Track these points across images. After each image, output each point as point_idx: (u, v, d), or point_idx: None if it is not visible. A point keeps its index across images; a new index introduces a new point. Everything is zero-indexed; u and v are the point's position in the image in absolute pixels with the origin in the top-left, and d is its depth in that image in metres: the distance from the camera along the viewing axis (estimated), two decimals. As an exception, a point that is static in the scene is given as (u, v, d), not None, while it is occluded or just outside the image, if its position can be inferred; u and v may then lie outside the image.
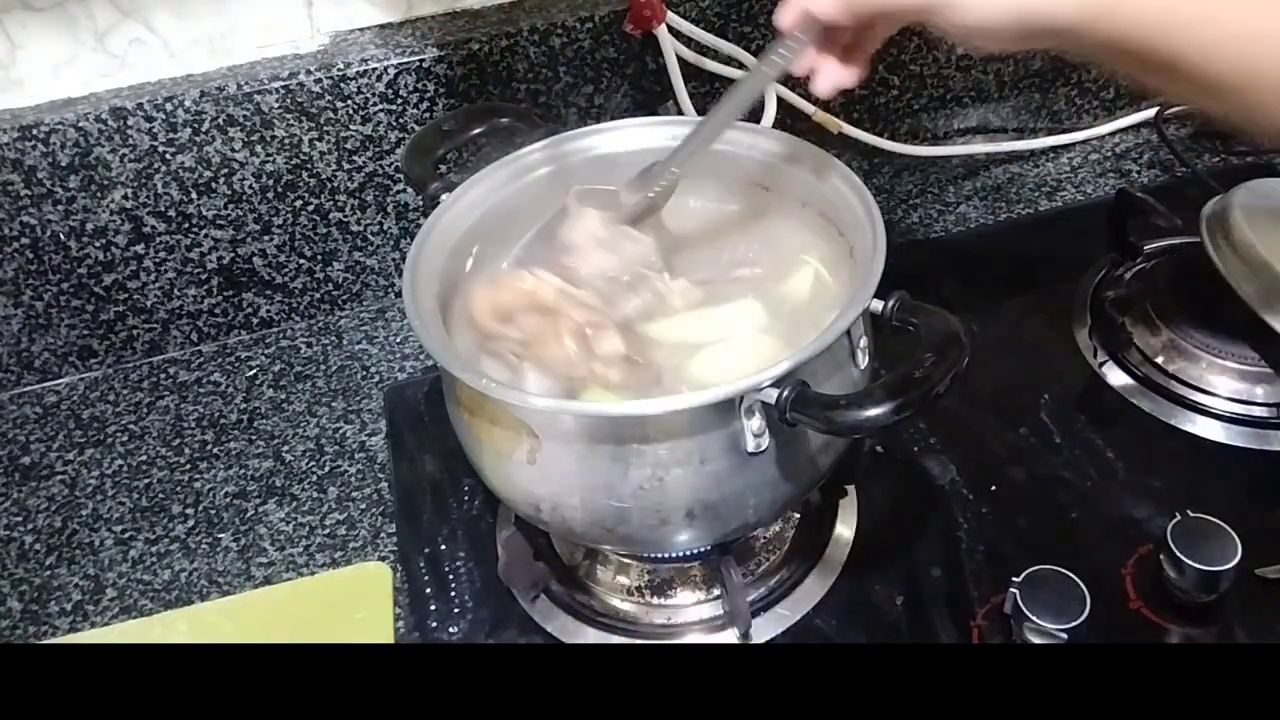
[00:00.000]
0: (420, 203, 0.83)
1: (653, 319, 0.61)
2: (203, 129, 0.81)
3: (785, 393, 0.49)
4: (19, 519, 0.77)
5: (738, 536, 0.65)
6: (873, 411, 0.47)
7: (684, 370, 0.59)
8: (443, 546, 0.71)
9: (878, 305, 0.54)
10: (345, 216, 0.88)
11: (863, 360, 0.57)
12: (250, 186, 0.84)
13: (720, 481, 0.53)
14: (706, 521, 0.55)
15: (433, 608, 0.67)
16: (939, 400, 0.48)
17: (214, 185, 0.83)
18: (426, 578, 0.69)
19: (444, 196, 0.63)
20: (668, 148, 0.63)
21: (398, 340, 0.89)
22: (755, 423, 0.51)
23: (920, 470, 0.72)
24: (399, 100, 0.84)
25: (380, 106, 0.83)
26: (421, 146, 0.67)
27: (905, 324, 0.53)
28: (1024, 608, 0.58)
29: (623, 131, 0.69)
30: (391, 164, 0.86)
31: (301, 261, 0.89)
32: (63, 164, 0.79)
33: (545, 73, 0.86)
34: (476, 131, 0.69)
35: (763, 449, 0.52)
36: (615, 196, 0.63)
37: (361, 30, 0.85)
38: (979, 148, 1.01)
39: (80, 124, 0.78)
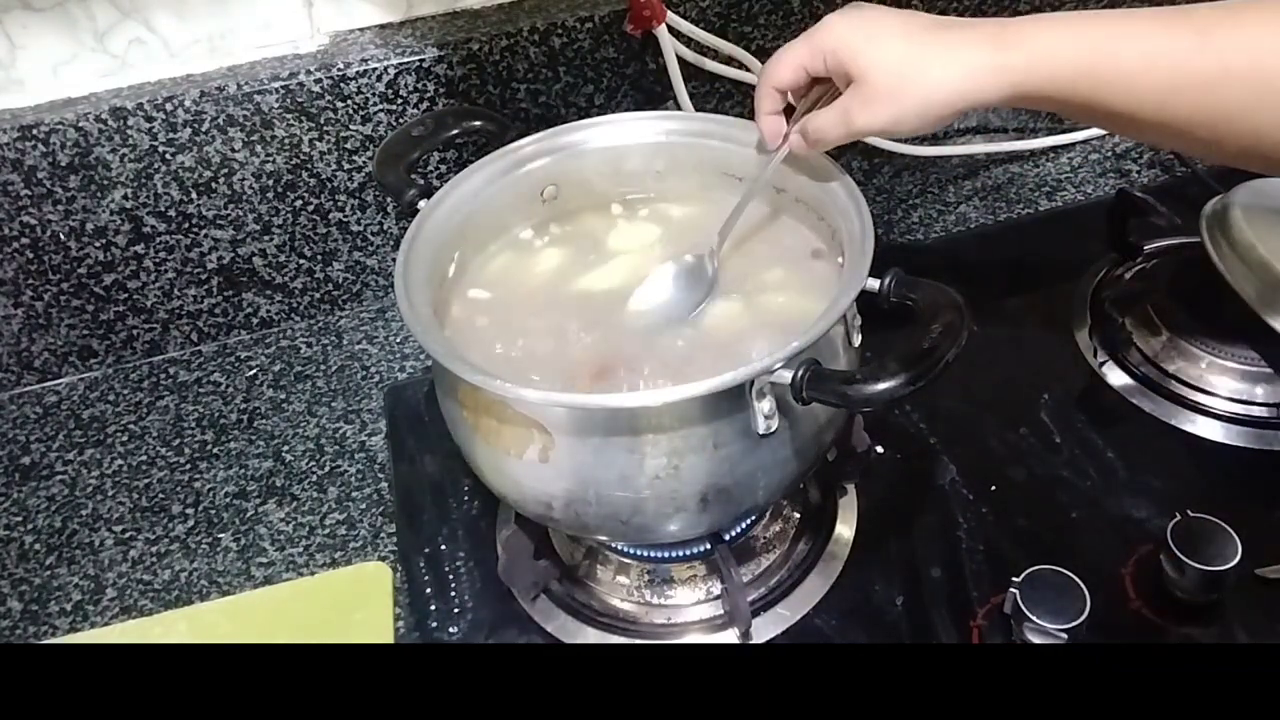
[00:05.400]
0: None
1: None
2: (203, 129, 0.81)
3: (799, 372, 0.50)
4: (19, 519, 0.77)
5: (745, 518, 0.66)
6: (887, 384, 0.48)
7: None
8: (443, 546, 0.71)
9: (874, 284, 0.54)
10: (345, 216, 0.88)
11: (856, 339, 0.59)
12: (250, 186, 0.84)
13: (733, 465, 0.54)
14: (719, 506, 0.56)
15: (433, 608, 0.67)
16: (949, 369, 0.48)
17: (214, 185, 0.83)
18: (426, 578, 0.69)
19: (422, 203, 0.63)
20: (623, 145, 0.68)
21: (398, 340, 0.89)
22: (766, 405, 0.52)
23: (920, 470, 0.72)
24: (399, 100, 0.84)
25: (380, 106, 0.83)
26: (392, 154, 0.67)
27: (904, 299, 0.54)
28: (1024, 608, 0.58)
29: (600, 128, 0.69)
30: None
31: (301, 261, 0.89)
32: (63, 164, 0.79)
33: (545, 73, 0.86)
34: (448, 136, 0.69)
35: (773, 430, 0.53)
36: None
37: (361, 30, 0.85)
38: (979, 148, 1.01)
39: (80, 124, 0.78)
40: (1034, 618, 0.58)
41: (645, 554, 0.66)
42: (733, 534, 0.66)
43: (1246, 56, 0.53)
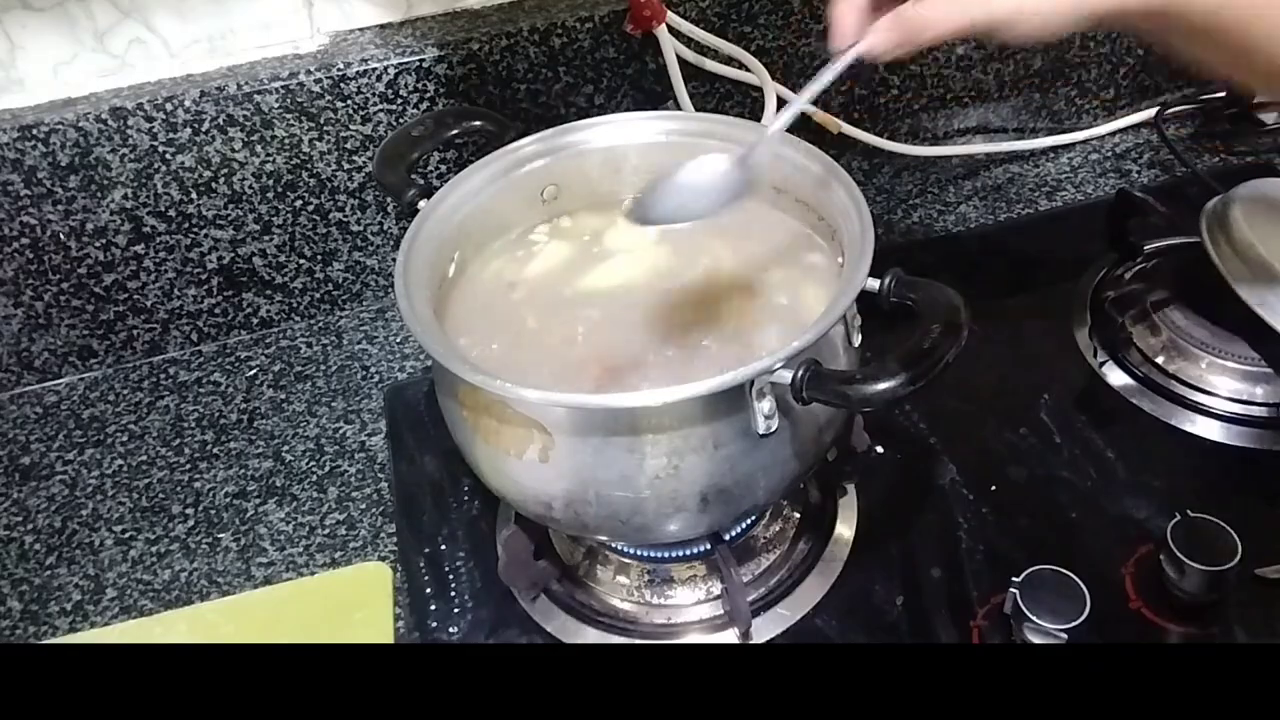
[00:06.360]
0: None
1: None
2: (203, 129, 0.81)
3: (800, 372, 0.50)
4: (19, 519, 0.77)
5: (745, 518, 0.66)
6: (887, 384, 0.48)
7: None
8: (443, 546, 0.71)
9: (874, 284, 0.54)
10: (345, 216, 0.88)
11: (856, 339, 0.59)
12: (250, 186, 0.84)
13: (734, 465, 0.54)
14: (720, 506, 0.56)
15: (433, 608, 0.67)
16: (949, 369, 0.48)
17: (214, 185, 0.83)
18: (426, 578, 0.69)
19: (422, 203, 0.63)
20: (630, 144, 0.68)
21: (398, 340, 0.89)
22: (766, 405, 0.52)
23: (920, 470, 0.72)
24: (399, 100, 0.84)
25: (380, 106, 0.83)
26: (392, 154, 0.67)
27: (903, 299, 0.54)
28: (1024, 608, 0.58)
29: (600, 128, 0.69)
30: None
31: (301, 261, 0.89)
32: (63, 164, 0.79)
33: (545, 73, 0.86)
34: (448, 136, 0.69)
35: (773, 430, 0.53)
36: None
37: (361, 30, 0.85)
38: (979, 148, 1.01)
39: (80, 124, 0.78)
40: (1034, 618, 0.58)
41: (645, 554, 0.66)
42: (733, 534, 0.66)
43: None
